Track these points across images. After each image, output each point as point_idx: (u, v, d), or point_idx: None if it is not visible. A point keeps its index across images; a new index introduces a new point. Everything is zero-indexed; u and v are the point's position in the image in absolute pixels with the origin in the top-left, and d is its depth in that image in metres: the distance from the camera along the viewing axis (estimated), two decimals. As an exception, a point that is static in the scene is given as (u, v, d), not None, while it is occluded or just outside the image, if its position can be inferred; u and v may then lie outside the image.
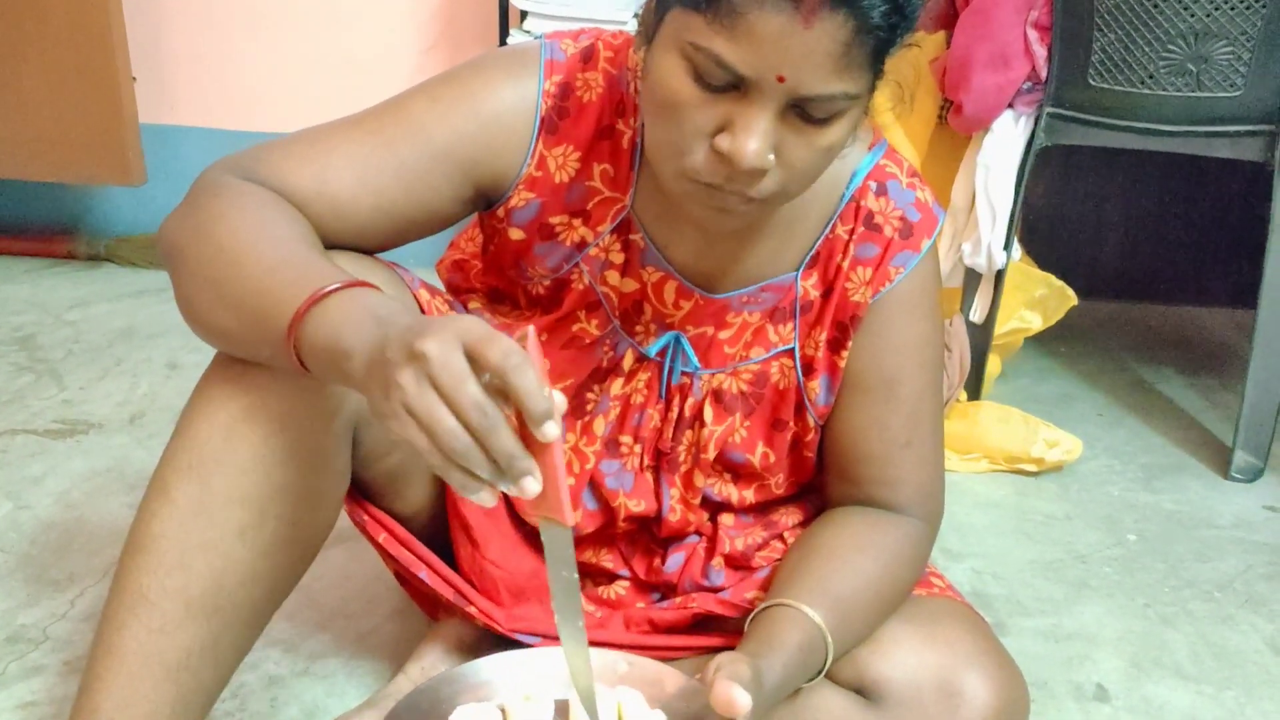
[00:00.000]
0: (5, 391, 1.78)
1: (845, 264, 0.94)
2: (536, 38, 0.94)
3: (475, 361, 0.64)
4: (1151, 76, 1.59)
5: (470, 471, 0.64)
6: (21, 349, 1.96)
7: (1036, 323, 1.82)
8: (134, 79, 2.14)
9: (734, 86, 0.75)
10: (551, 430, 0.64)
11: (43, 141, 2.16)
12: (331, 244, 0.86)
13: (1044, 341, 2.08)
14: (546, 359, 0.97)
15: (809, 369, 0.98)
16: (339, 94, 0.89)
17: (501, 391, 0.64)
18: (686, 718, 0.77)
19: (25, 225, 2.47)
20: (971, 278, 1.79)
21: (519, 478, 0.65)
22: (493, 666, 0.81)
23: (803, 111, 0.76)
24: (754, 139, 0.75)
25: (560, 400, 0.65)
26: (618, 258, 0.95)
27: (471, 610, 1.00)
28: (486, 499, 0.66)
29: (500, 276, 1.00)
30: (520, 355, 0.63)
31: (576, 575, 0.72)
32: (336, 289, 0.72)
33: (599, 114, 0.91)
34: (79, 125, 2.13)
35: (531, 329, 0.67)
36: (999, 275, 1.75)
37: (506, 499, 1.01)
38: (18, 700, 1.09)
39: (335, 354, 0.70)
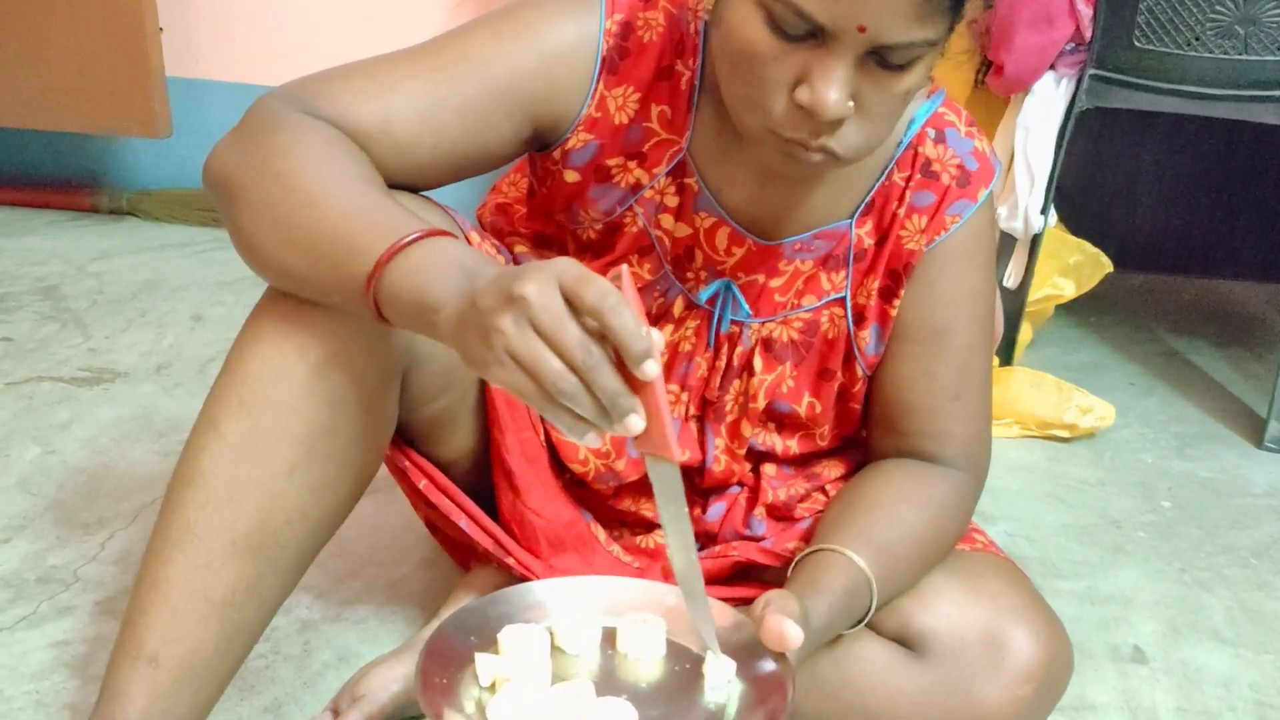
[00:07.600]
0: (30, 340, 1.78)
1: (901, 211, 0.93)
2: None
3: (572, 303, 0.63)
4: (1198, 38, 1.56)
5: (575, 413, 0.64)
6: (45, 299, 1.96)
7: (1070, 290, 1.80)
8: (161, 29, 2.12)
9: (812, 35, 0.74)
10: (651, 368, 0.64)
11: (68, 91, 2.14)
12: (388, 183, 0.84)
13: (1074, 311, 2.06)
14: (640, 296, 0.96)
15: (860, 318, 0.96)
16: (365, 51, 0.87)
17: (599, 332, 0.64)
18: (736, 647, 0.77)
19: (48, 177, 2.46)
20: (1006, 242, 1.77)
21: (623, 415, 0.64)
22: (544, 589, 0.81)
23: (881, 59, 0.75)
24: (834, 89, 0.74)
25: (658, 338, 0.65)
26: (672, 201, 0.93)
27: (510, 561, 1.00)
28: (593, 440, 0.66)
29: (548, 222, 0.98)
30: (616, 295, 0.63)
31: (686, 509, 0.73)
32: (417, 238, 0.71)
33: (659, 54, 0.89)
34: (105, 75, 2.11)
35: (626, 268, 0.67)
36: (1034, 240, 1.73)
37: (549, 447, 1.01)
38: (50, 639, 1.09)
39: (422, 307, 0.69)
